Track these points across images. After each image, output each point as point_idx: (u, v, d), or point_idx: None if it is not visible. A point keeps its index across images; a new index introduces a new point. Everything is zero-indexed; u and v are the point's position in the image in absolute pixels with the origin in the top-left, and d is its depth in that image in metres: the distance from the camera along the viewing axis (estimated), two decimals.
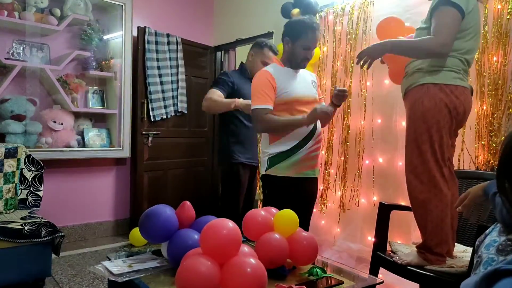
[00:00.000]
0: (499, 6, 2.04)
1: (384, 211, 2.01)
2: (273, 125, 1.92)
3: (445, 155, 1.66)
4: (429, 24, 1.69)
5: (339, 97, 1.94)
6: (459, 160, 2.16)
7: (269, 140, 2.01)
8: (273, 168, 1.97)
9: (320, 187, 2.97)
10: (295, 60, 2.02)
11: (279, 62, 2.08)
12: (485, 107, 2.08)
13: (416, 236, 1.93)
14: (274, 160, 1.97)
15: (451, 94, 1.64)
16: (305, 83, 2.06)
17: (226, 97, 2.48)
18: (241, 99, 2.42)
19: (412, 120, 1.72)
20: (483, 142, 2.08)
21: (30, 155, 2.70)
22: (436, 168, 1.65)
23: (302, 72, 2.10)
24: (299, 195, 2.01)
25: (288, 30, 2.03)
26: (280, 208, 1.47)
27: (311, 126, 1.98)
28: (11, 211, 2.52)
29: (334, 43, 2.90)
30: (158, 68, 3.72)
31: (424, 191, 1.67)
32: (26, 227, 2.21)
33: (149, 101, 3.66)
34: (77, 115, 3.35)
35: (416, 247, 1.75)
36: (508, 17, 2.02)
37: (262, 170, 2.04)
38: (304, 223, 2.09)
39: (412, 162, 1.72)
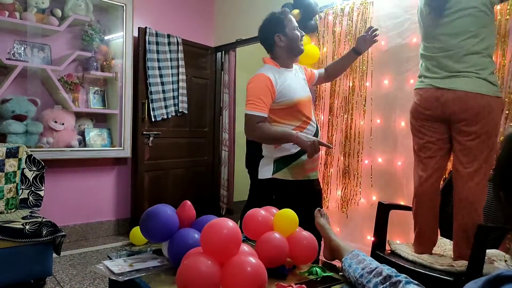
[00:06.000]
0: (498, 7, 2.04)
1: (383, 210, 2.02)
2: (262, 136, 1.87)
3: (416, 152, 1.88)
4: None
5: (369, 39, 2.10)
6: None
7: (274, 145, 1.95)
8: (280, 172, 1.91)
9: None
10: (295, 44, 1.96)
11: (274, 63, 1.97)
12: None
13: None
14: (280, 164, 1.92)
15: (412, 99, 1.88)
16: (301, 84, 2.01)
17: None
18: None
19: None
20: None
21: (31, 155, 2.71)
22: (414, 162, 1.91)
23: (294, 70, 2.03)
24: (305, 197, 1.98)
25: (271, 29, 1.96)
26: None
27: (314, 130, 1.96)
28: (12, 210, 2.53)
29: (333, 44, 2.90)
30: (159, 68, 3.73)
31: None
32: (27, 227, 2.22)
33: (150, 101, 3.67)
34: (78, 115, 3.36)
35: None
36: (507, 17, 2.03)
37: (267, 174, 1.95)
38: (312, 224, 2.09)
39: None
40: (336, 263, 1.46)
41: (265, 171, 1.96)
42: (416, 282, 1.03)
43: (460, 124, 1.71)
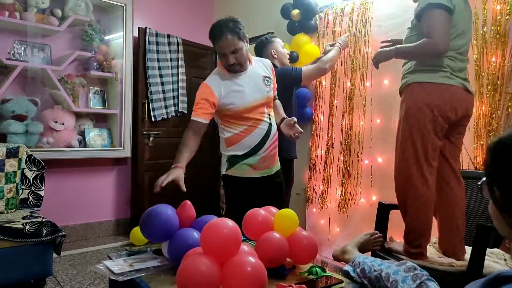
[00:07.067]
0: (498, 7, 2.05)
1: (384, 210, 2.03)
2: (181, 143, 1.93)
3: (429, 154, 1.69)
4: (415, 28, 1.77)
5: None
6: None
7: (226, 144, 1.99)
8: (232, 169, 1.98)
9: (320, 186, 2.98)
10: (224, 67, 1.91)
11: (223, 69, 1.93)
12: (483, 107, 2.09)
13: None
14: (232, 161, 1.97)
15: (433, 93, 1.66)
16: (252, 86, 1.92)
17: None
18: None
19: (400, 119, 1.80)
20: (481, 142, 2.09)
21: (31, 155, 2.71)
22: (415, 167, 1.69)
23: (251, 71, 1.94)
24: (258, 193, 2.00)
25: None
26: (241, 206, 1.49)
27: (265, 130, 1.94)
28: (13, 210, 2.53)
29: None
30: (159, 68, 3.73)
31: (403, 187, 1.75)
32: (27, 227, 2.22)
33: (150, 101, 3.67)
34: (78, 115, 3.36)
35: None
36: (507, 17, 2.02)
37: (222, 170, 2.04)
38: None
39: (396, 158, 1.80)
40: (338, 263, 1.46)
41: (222, 168, 2.04)
42: (436, 282, 1.03)
43: (463, 123, 1.76)
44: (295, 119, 1.92)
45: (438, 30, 1.62)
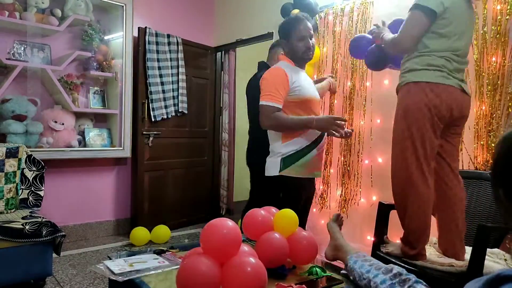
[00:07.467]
0: (499, 7, 2.05)
1: (384, 210, 2.02)
2: (279, 124, 1.90)
3: (428, 153, 1.68)
4: None
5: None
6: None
7: (281, 140, 1.96)
8: (288, 169, 1.92)
9: (320, 186, 2.97)
10: (296, 54, 2.00)
11: (289, 61, 2.03)
12: (484, 107, 2.09)
13: None
14: (288, 160, 1.92)
15: (430, 93, 1.65)
16: (311, 84, 2.07)
17: None
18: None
19: (396, 118, 1.78)
20: (482, 142, 2.09)
21: (31, 155, 2.71)
22: (415, 165, 1.68)
23: (304, 73, 2.09)
24: (306, 195, 2.03)
25: (280, 33, 2.06)
26: (298, 209, 1.47)
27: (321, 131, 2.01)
28: (12, 210, 2.53)
29: (333, 44, 2.90)
30: (159, 68, 3.73)
31: (403, 187, 1.73)
32: (27, 227, 2.22)
33: (149, 101, 3.67)
34: (78, 115, 3.36)
35: (400, 238, 1.82)
36: (507, 17, 2.02)
37: (273, 171, 1.95)
38: (304, 222, 2.11)
39: (393, 158, 1.78)
40: (337, 263, 1.46)
41: (272, 168, 1.96)
42: (425, 283, 1.03)
43: (459, 124, 1.76)
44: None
45: (406, 29, 1.71)
